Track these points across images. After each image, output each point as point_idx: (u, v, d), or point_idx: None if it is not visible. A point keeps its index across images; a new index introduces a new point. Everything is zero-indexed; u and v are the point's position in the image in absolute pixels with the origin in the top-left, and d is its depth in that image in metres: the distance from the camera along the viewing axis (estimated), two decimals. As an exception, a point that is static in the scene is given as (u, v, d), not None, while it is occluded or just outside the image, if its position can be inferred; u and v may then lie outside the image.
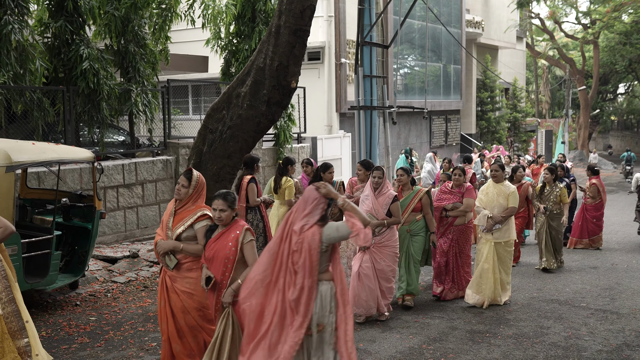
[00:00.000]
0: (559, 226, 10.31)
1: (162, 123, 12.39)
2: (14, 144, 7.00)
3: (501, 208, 7.94)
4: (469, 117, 29.60)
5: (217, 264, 4.80)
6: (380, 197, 7.25)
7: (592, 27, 38.22)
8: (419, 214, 7.78)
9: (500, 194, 8.03)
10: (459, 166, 8.57)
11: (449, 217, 8.32)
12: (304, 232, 4.19)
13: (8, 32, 8.97)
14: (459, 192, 8.36)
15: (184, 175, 5.33)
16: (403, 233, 7.71)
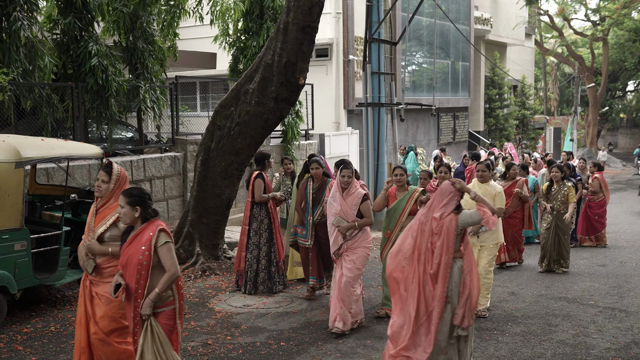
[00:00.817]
0: (567, 227, 9.94)
1: (170, 119, 12.41)
2: (23, 140, 7.03)
3: None
4: (477, 114, 29.51)
5: (130, 270, 4.38)
6: (348, 198, 6.79)
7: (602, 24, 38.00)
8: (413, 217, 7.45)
9: (486, 194, 7.55)
10: (446, 163, 8.08)
11: None
12: (443, 218, 5.02)
13: (17, 29, 9.00)
14: None
15: (104, 170, 4.96)
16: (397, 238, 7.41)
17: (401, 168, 7.38)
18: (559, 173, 9.97)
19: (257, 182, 8.19)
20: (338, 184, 6.83)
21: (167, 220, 11.65)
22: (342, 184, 6.84)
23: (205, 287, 8.55)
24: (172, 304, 4.49)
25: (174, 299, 4.50)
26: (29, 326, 6.75)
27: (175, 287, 4.51)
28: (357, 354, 6.02)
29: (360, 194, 6.82)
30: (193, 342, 6.34)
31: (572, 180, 11.39)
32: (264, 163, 8.41)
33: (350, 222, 6.69)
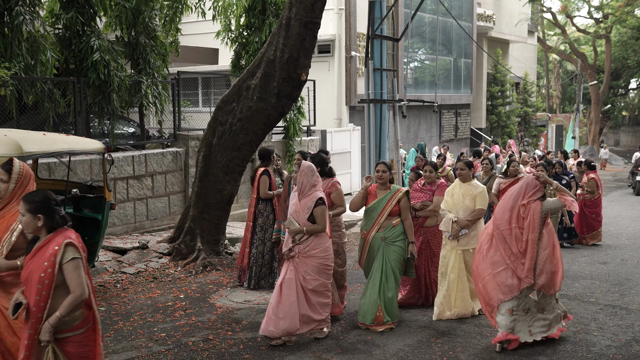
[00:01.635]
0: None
1: (172, 115, 12.42)
2: (25, 134, 7.03)
3: (467, 211, 7.07)
4: (479, 111, 29.49)
5: (30, 288, 3.77)
6: (303, 199, 6.24)
7: (605, 22, 37.95)
8: (397, 219, 6.73)
9: (466, 194, 7.14)
10: (431, 162, 7.77)
11: (419, 218, 7.46)
12: (530, 204, 6.10)
13: (19, 23, 9.00)
14: (429, 190, 7.55)
15: (2, 168, 4.39)
16: (377, 241, 6.72)
17: (384, 164, 6.84)
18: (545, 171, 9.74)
19: (262, 179, 8.14)
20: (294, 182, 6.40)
21: (169, 216, 11.66)
22: (296, 183, 6.37)
23: (206, 282, 8.56)
24: (81, 327, 3.86)
25: (84, 321, 3.88)
26: (30, 320, 6.75)
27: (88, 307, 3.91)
28: (357, 350, 6.03)
29: (315, 197, 6.20)
30: (194, 337, 6.35)
31: (565, 179, 11.29)
32: (269, 159, 8.32)
33: (300, 225, 6.17)
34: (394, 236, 6.70)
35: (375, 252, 6.74)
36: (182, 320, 6.90)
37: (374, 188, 6.80)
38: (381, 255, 6.67)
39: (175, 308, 7.37)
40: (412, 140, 22.91)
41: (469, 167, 7.34)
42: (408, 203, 6.77)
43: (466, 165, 7.34)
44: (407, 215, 6.74)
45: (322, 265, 6.21)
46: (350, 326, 6.74)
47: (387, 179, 6.77)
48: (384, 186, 6.77)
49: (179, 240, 9.67)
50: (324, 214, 6.21)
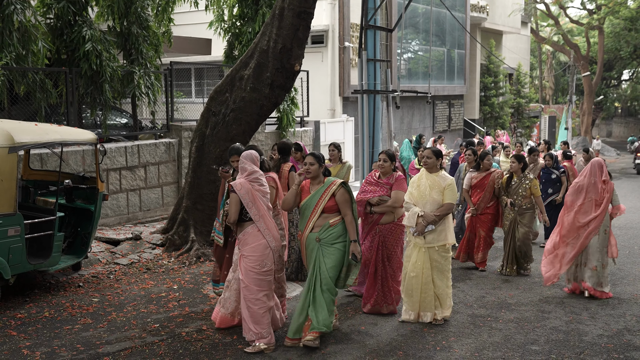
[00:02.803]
0: (529, 223, 8.85)
1: (164, 106, 12.37)
2: (17, 125, 7.00)
3: (435, 204, 6.46)
4: (472, 102, 29.50)
5: None
6: None
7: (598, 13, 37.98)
8: (335, 217, 5.89)
9: (434, 186, 6.51)
10: (386, 150, 6.93)
11: (375, 214, 6.77)
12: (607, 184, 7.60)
13: (10, 13, 8.92)
14: (386, 183, 6.78)
15: None
16: (311, 243, 5.90)
17: (312, 155, 5.98)
18: (517, 164, 8.81)
19: (292, 174, 7.67)
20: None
21: (162, 207, 11.64)
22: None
23: (199, 273, 8.55)
24: None
25: None
26: (22, 311, 6.74)
27: None
28: (351, 340, 6.05)
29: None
30: (187, 328, 6.35)
31: (555, 173, 10.82)
32: (289, 153, 7.93)
33: None
34: (332, 237, 5.86)
35: (310, 255, 5.94)
36: (176, 311, 6.90)
37: (307, 184, 6.03)
38: (315, 259, 5.88)
39: (169, 299, 7.36)
40: (406, 131, 22.91)
41: (437, 156, 6.62)
42: (347, 196, 5.89)
43: (434, 154, 6.63)
44: (347, 210, 5.87)
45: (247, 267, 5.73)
46: (344, 316, 6.76)
47: (316, 172, 5.91)
48: (316, 180, 5.95)
49: (172, 231, 9.65)
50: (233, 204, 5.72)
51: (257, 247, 5.72)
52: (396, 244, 6.83)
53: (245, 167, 5.85)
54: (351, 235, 5.85)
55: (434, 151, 6.64)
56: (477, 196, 9.09)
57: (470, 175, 9.22)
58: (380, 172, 6.82)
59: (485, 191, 9.02)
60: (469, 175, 9.25)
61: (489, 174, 9.05)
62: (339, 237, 5.86)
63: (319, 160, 5.93)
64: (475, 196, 9.13)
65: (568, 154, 12.54)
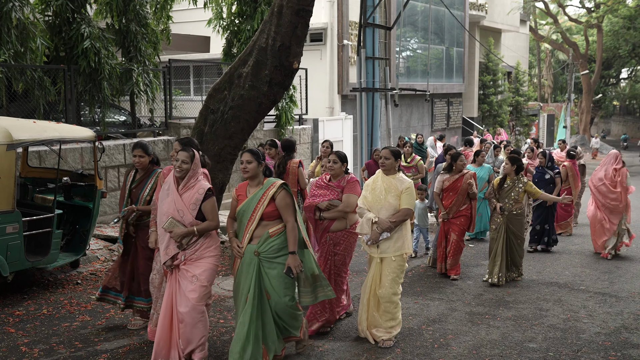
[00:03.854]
0: (519, 229, 8.34)
1: (163, 103, 12.36)
2: (15, 122, 6.99)
3: (391, 210, 5.78)
4: (471, 101, 29.52)
5: None
6: (186, 193, 5.07)
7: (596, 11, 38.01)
8: (276, 225, 5.08)
9: (390, 190, 5.84)
10: (337, 152, 6.27)
11: (324, 220, 6.09)
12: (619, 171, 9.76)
13: (9, 10, 8.91)
14: (337, 186, 6.11)
15: None
16: (249, 256, 5.06)
17: (250, 152, 5.14)
18: (510, 166, 8.33)
19: (300, 170, 7.92)
20: (173, 174, 5.14)
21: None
22: (176, 173, 5.10)
23: (198, 270, 8.55)
24: None
25: None
26: (21, 309, 6.74)
27: None
28: (349, 338, 6.05)
29: (203, 188, 5.06)
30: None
31: (549, 174, 10.47)
32: (293, 149, 8.11)
33: (188, 226, 5.02)
34: (273, 250, 5.05)
35: (246, 271, 5.07)
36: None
37: (243, 186, 5.25)
38: (255, 278, 5.02)
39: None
40: (404, 129, 22.92)
41: (395, 157, 5.96)
42: (289, 200, 5.08)
43: (392, 154, 5.97)
44: (288, 216, 5.06)
45: (213, 266, 5.12)
46: (342, 314, 6.77)
47: (254, 171, 5.09)
48: (254, 181, 5.14)
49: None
50: (214, 208, 5.09)
51: (219, 245, 5.24)
52: (347, 253, 6.16)
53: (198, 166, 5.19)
54: (290, 245, 5.02)
55: (392, 151, 5.98)
56: (450, 199, 8.45)
57: (441, 177, 8.60)
58: (330, 175, 6.17)
59: (457, 194, 8.40)
60: (440, 177, 8.62)
61: (462, 176, 8.43)
62: (281, 250, 5.07)
63: (258, 158, 5.11)
64: (447, 199, 8.49)
65: (572, 153, 12.13)
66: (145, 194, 5.97)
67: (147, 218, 5.97)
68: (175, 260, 5.04)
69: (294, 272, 5.01)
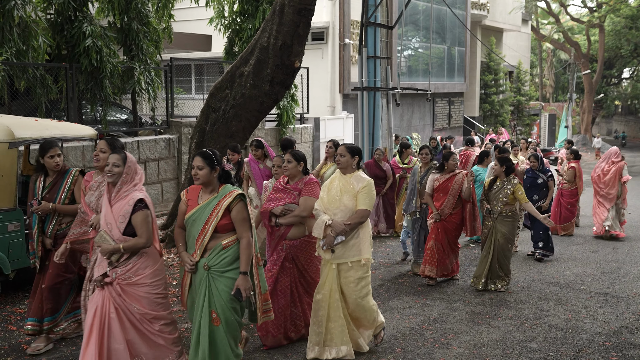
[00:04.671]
0: (510, 233, 7.84)
1: (164, 102, 12.37)
2: (17, 120, 6.99)
3: (347, 211, 5.28)
4: (472, 100, 29.51)
5: None
6: (117, 203, 4.49)
7: (598, 11, 37.97)
8: (229, 237, 4.52)
9: (346, 190, 5.33)
10: (293, 150, 5.72)
11: (280, 227, 5.54)
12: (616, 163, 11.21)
13: (11, 8, 8.92)
14: (294, 189, 5.60)
15: None
16: (200, 271, 4.52)
17: (201, 156, 4.51)
18: (500, 167, 7.88)
19: None
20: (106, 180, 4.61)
21: (162, 203, 11.65)
22: (108, 178, 4.55)
23: (199, 269, 8.55)
24: None
25: None
26: (22, 306, 6.75)
27: None
28: (350, 337, 6.05)
29: (134, 198, 4.45)
30: (187, 323, 6.36)
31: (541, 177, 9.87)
32: (292, 148, 8.21)
33: (117, 241, 4.44)
34: (225, 264, 4.48)
35: (198, 288, 4.54)
36: (175, 307, 6.90)
37: (195, 191, 4.67)
38: (205, 293, 4.47)
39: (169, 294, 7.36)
40: (406, 129, 22.92)
41: (352, 154, 5.41)
42: (245, 213, 4.52)
43: (348, 151, 5.42)
44: (243, 231, 4.48)
45: (152, 294, 4.53)
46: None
47: (206, 177, 4.50)
48: (208, 187, 4.57)
49: (171, 227, 9.66)
50: (146, 222, 4.46)
51: (158, 270, 4.61)
52: (309, 263, 5.62)
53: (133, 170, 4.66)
54: (242, 264, 4.44)
55: (349, 147, 5.45)
56: (441, 200, 8.01)
57: (433, 177, 8.12)
58: (287, 176, 5.65)
59: (449, 195, 7.96)
60: (431, 177, 8.15)
61: (454, 176, 8.01)
62: (232, 263, 4.50)
63: (211, 163, 4.48)
64: (438, 200, 8.04)
65: (580, 154, 12.04)
66: (62, 197, 5.53)
67: (67, 226, 5.51)
68: (108, 279, 4.48)
69: (242, 295, 4.42)
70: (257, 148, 8.13)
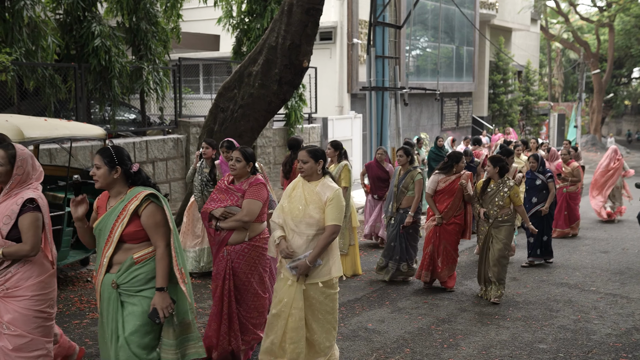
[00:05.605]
0: (507, 239, 7.29)
1: (173, 102, 12.39)
2: (27, 120, 7.02)
3: (314, 224, 4.59)
4: (481, 100, 29.41)
5: None
6: (4, 202, 3.91)
7: (608, 10, 37.76)
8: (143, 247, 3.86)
9: (311, 200, 4.62)
10: (243, 148, 5.09)
11: (220, 231, 4.95)
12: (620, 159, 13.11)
13: (20, 8, 8.96)
14: (238, 190, 4.99)
15: None
16: (107, 289, 3.85)
17: (99, 154, 3.87)
18: (492, 167, 7.33)
19: None
20: None
21: (170, 202, 11.68)
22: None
23: (207, 269, 8.56)
24: None
25: None
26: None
27: None
28: (358, 337, 6.05)
29: (23, 198, 3.87)
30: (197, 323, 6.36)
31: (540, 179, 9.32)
32: (299, 148, 8.16)
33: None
34: (138, 282, 3.82)
35: (106, 310, 3.86)
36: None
37: (105, 196, 3.99)
38: (114, 317, 3.82)
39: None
40: (414, 128, 22.87)
41: (316, 158, 4.71)
42: (159, 217, 3.83)
43: (310, 155, 4.71)
44: (158, 239, 3.82)
45: (31, 311, 3.87)
46: (351, 314, 6.76)
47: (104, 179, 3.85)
48: (114, 191, 3.90)
49: (179, 227, 9.67)
50: (34, 226, 3.82)
51: (44, 282, 3.97)
52: (250, 272, 4.98)
53: (28, 169, 3.99)
54: (158, 279, 3.78)
55: (311, 151, 4.72)
56: (445, 203, 7.52)
57: (436, 178, 7.59)
58: (233, 175, 5.09)
59: (454, 197, 7.50)
60: (434, 177, 7.62)
61: (459, 178, 7.52)
62: (149, 282, 3.82)
63: (110, 162, 3.81)
64: (442, 203, 7.54)
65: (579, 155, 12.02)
66: None
67: None
68: None
69: (160, 316, 3.73)
70: (229, 149, 7.20)
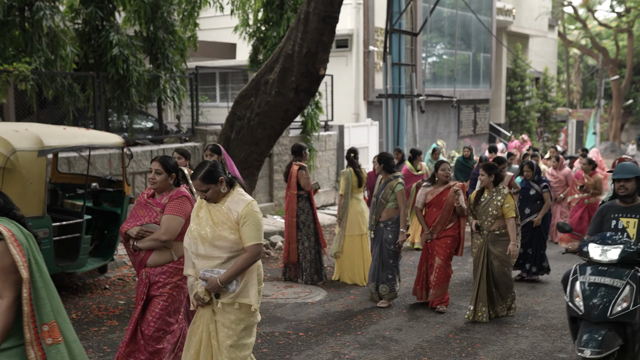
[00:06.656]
0: (503, 254, 6.81)
1: (190, 110, 12.46)
2: (46, 128, 7.09)
3: (231, 245, 3.94)
4: (498, 107, 29.25)
5: None
6: None
7: (627, 15, 37.43)
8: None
9: (220, 222, 3.96)
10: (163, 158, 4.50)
11: (139, 251, 4.50)
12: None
13: (40, 18, 9.07)
14: (157, 205, 4.50)
15: None
16: None
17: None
18: (487, 176, 6.86)
19: (300, 173, 8.29)
20: None
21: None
22: None
23: (224, 276, 8.57)
24: None
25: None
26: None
27: None
28: (375, 345, 6.01)
29: None
30: None
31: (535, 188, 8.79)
32: (301, 154, 8.47)
33: None
34: None
35: None
36: (200, 314, 6.93)
37: None
38: None
39: (194, 302, 7.38)
40: (430, 136, 22.79)
41: (212, 181, 3.98)
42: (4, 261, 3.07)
43: (207, 177, 3.98)
44: (2, 288, 3.04)
45: None
46: (368, 322, 6.73)
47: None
48: None
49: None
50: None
51: None
52: (172, 298, 4.49)
53: None
54: None
55: (208, 172, 3.97)
56: (434, 216, 7.16)
57: (424, 190, 7.26)
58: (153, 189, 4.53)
59: (442, 210, 7.11)
60: (422, 190, 7.28)
61: (448, 189, 7.10)
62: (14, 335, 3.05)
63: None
64: (430, 216, 7.20)
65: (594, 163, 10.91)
66: None
67: None
68: None
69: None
70: (213, 153, 6.81)
